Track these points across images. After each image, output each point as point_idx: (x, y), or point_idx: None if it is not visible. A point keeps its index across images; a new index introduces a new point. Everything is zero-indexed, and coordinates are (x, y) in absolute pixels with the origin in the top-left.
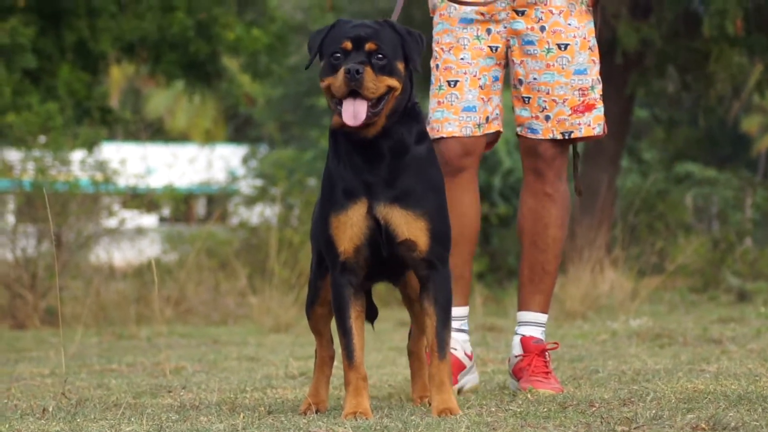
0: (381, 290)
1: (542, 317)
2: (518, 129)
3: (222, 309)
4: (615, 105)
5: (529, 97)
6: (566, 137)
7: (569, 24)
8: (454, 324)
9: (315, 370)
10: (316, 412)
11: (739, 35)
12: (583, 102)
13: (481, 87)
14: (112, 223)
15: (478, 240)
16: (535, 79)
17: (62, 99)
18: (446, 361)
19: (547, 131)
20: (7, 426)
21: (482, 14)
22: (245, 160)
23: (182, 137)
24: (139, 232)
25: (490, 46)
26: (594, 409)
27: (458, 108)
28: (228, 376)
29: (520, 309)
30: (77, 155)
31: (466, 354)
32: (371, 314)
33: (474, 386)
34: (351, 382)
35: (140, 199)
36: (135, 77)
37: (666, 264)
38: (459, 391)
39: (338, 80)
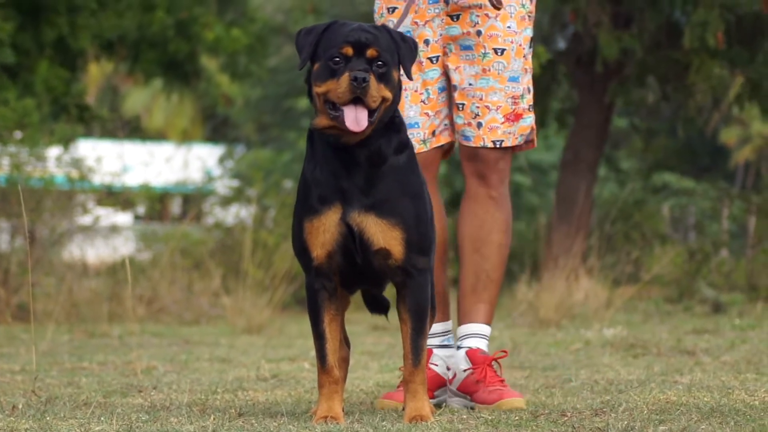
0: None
1: (486, 329)
2: (455, 135)
3: (195, 309)
4: (594, 114)
5: (463, 104)
6: (497, 146)
7: (508, 27)
8: (436, 340)
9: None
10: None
11: (720, 47)
12: (513, 111)
13: (423, 102)
14: (86, 220)
15: None
16: (470, 84)
17: (39, 95)
18: (420, 368)
19: (478, 139)
20: None
21: (416, 23)
22: (222, 161)
23: (159, 136)
24: (114, 230)
25: (430, 58)
26: (566, 418)
27: None
28: (199, 377)
29: (462, 322)
30: (53, 152)
31: (449, 370)
32: (382, 307)
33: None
34: (324, 386)
35: (115, 197)
36: (113, 75)
37: (641, 274)
38: (438, 406)
39: (342, 86)
